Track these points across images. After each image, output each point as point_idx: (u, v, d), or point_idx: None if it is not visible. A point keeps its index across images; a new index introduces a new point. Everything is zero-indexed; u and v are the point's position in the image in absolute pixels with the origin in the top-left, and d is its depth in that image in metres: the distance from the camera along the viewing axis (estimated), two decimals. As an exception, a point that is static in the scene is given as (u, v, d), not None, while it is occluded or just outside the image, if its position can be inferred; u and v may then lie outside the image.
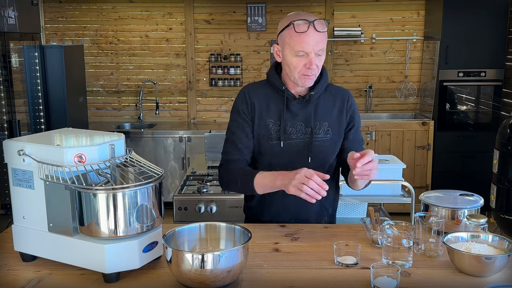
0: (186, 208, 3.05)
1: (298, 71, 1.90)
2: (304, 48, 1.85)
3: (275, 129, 1.98)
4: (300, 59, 1.88)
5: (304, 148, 1.98)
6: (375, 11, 5.43)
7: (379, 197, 3.27)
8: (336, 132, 2.01)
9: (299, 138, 1.98)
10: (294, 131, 1.98)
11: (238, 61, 5.51)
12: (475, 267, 1.54)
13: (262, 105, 2.00)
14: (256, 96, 2.01)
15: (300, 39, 1.84)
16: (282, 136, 1.97)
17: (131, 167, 1.60)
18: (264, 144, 1.99)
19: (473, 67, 4.96)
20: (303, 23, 1.84)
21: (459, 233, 1.71)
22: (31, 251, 1.64)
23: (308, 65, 1.87)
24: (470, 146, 5.00)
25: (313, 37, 1.84)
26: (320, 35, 1.85)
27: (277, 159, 1.98)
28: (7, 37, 4.00)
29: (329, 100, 2.02)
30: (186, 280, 1.44)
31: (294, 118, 1.98)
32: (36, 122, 4.32)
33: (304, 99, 1.97)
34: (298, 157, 1.98)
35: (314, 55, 1.86)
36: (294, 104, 1.98)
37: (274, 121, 1.98)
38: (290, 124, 1.97)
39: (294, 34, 1.86)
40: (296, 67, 1.90)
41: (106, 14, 5.52)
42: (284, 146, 1.97)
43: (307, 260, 1.69)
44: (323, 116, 1.99)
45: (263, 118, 1.99)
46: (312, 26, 1.83)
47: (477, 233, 1.71)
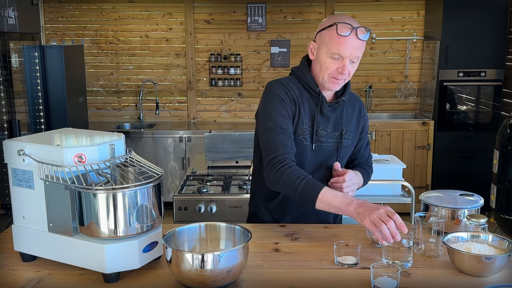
0: (186, 208, 3.05)
1: (329, 73, 1.89)
2: (341, 52, 1.83)
3: (308, 130, 1.96)
4: (334, 61, 1.86)
5: (333, 151, 2.01)
6: (375, 11, 5.43)
7: (379, 197, 3.27)
8: (353, 137, 2.07)
9: (328, 142, 2.00)
10: (325, 134, 1.99)
11: (238, 61, 5.51)
12: (475, 267, 1.54)
13: (300, 104, 1.95)
14: (295, 94, 1.94)
15: (340, 41, 1.83)
16: (314, 138, 1.97)
17: (131, 167, 1.60)
18: (299, 143, 1.95)
19: (473, 67, 4.96)
20: (346, 27, 1.83)
21: (459, 233, 1.71)
22: (31, 251, 1.64)
23: (340, 69, 1.86)
24: (470, 146, 5.00)
25: (353, 42, 1.83)
26: (360, 43, 1.85)
27: (307, 160, 1.97)
28: (7, 37, 4.00)
29: (350, 106, 2.06)
30: (186, 280, 1.44)
31: (326, 122, 1.98)
32: (36, 122, 4.32)
33: (337, 103, 1.98)
34: (326, 160, 2.01)
35: (349, 62, 1.86)
36: (326, 108, 1.98)
37: (308, 122, 1.97)
38: (322, 127, 1.98)
39: (335, 35, 1.83)
40: (328, 68, 1.88)
41: (106, 14, 5.52)
42: (315, 149, 1.98)
43: (307, 260, 1.69)
44: (347, 121, 2.03)
45: (301, 116, 1.95)
46: (354, 31, 1.82)
47: (477, 233, 1.71)
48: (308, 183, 1.81)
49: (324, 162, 2.00)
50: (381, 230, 1.59)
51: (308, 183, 1.81)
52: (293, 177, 1.82)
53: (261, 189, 2.07)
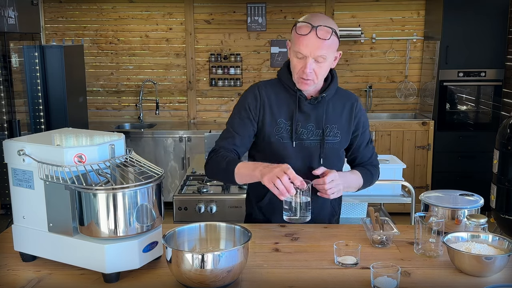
0: (186, 208, 3.05)
1: (296, 72, 1.92)
2: (302, 51, 1.86)
3: (287, 129, 1.98)
4: (299, 61, 1.89)
5: (316, 149, 1.99)
6: (375, 11, 5.43)
7: (379, 197, 3.27)
8: (344, 135, 2.03)
9: (310, 139, 1.99)
10: (305, 131, 1.98)
11: (238, 61, 5.51)
12: (475, 267, 1.54)
13: (274, 105, 1.99)
14: (268, 95, 2.00)
15: (300, 41, 1.85)
16: (293, 136, 1.97)
17: (131, 167, 1.60)
18: (276, 143, 1.98)
19: (473, 67, 4.96)
20: (305, 26, 1.85)
21: (459, 233, 1.71)
22: (31, 251, 1.64)
23: (303, 68, 1.88)
24: (470, 146, 5.00)
25: (312, 42, 1.84)
26: (321, 42, 1.84)
27: (289, 159, 1.98)
28: (7, 37, 4.00)
29: (339, 103, 2.03)
30: (186, 280, 1.44)
31: (306, 119, 1.98)
32: (36, 122, 4.32)
33: (316, 100, 1.97)
34: (310, 158, 2.00)
35: (312, 60, 1.86)
36: (305, 105, 1.98)
37: (285, 121, 1.98)
38: (302, 124, 1.98)
39: (296, 35, 1.87)
40: (295, 67, 1.92)
41: (106, 14, 5.52)
42: (296, 147, 1.98)
43: (307, 260, 1.69)
44: (333, 119, 2.01)
45: (274, 117, 1.98)
46: (314, 30, 1.83)
47: (477, 233, 1.71)
48: (229, 161, 1.92)
49: (308, 159, 2.00)
50: (276, 185, 1.70)
51: (229, 161, 1.92)
52: (218, 159, 1.95)
53: (253, 189, 2.13)
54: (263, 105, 1.99)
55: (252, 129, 2.01)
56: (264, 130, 1.99)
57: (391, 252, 1.76)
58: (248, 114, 2.00)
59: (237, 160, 1.94)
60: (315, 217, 2.05)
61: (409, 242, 1.83)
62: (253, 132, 2.02)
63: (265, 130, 1.99)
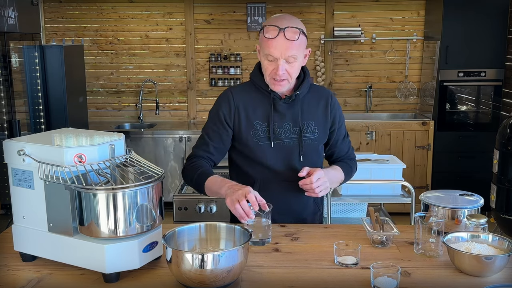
0: (186, 208, 3.05)
1: (268, 74, 1.94)
2: (272, 53, 1.88)
3: (263, 130, 2.00)
4: (270, 63, 1.92)
5: (295, 147, 2.01)
6: (375, 11, 5.43)
7: (379, 197, 3.27)
8: (322, 131, 2.05)
9: (288, 138, 2.00)
10: (283, 131, 2.00)
11: (238, 61, 5.51)
12: (475, 267, 1.54)
13: (249, 108, 2.01)
14: (241, 99, 2.02)
15: (269, 44, 1.88)
16: (271, 137, 1.98)
17: (131, 167, 1.60)
18: (254, 146, 2.00)
19: (473, 67, 4.96)
20: (272, 29, 1.87)
21: (459, 233, 1.71)
22: (31, 251, 1.64)
23: (275, 70, 1.90)
24: (470, 146, 5.00)
25: (281, 44, 1.86)
26: (290, 43, 1.86)
27: (269, 160, 2.01)
28: (7, 37, 4.00)
29: (314, 99, 2.05)
30: (186, 280, 1.44)
31: (282, 119, 2.00)
32: (36, 122, 4.32)
33: (291, 99, 1.99)
34: (290, 157, 2.02)
35: (284, 62, 1.88)
36: (280, 105, 2.00)
37: (262, 123, 2.00)
38: (278, 124, 2.00)
39: (264, 38, 1.89)
40: (267, 70, 1.94)
41: (106, 14, 5.52)
42: (275, 147, 1.99)
43: (307, 260, 1.69)
44: (309, 116, 2.03)
45: (250, 120, 2.00)
46: (282, 33, 1.85)
47: (477, 233, 1.71)
48: (200, 173, 1.95)
49: (287, 158, 2.01)
50: (235, 208, 1.71)
51: (200, 173, 1.95)
52: (191, 170, 1.98)
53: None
54: (237, 110, 2.01)
55: (227, 136, 2.02)
56: (241, 134, 2.01)
57: (391, 252, 1.76)
58: (222, 121, 2.01)
59: (208, 174, 1.94)
60: (298, 215, 2.07)
61: (409, 242, 1.83)
62: (228, 138, 2.03)
63: (241, 134, 2.01)
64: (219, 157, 2.08)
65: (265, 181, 2.03)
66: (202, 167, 1.98)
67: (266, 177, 2.03)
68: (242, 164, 2.08)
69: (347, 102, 5.59)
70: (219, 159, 2.08)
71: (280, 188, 2.02)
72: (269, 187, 2.03)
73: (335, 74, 5.55)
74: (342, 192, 3.21)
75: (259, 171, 2.03)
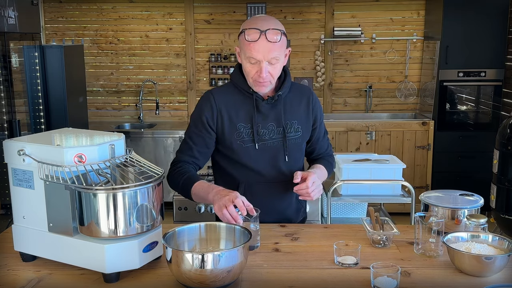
0: (186, 208, 3.05)
1: (251, 76, 1.93)
2: (254, 56, 1.87)
3: (247, 132, 1.99)
4: (252, 65, 1.91)
5: (279, 148, 2.01)
6: (375, 11, 5.43)
7: (379, 197, 3.27)
8: (305, 129, 2.06)
9: (272, 139, 2.00)
10: (267, 132, 2.00)
11: (238, 61, 5.50)
12: (475, 267, 1.54)
13: (231, 111, 2.00)
14: (223, 102, 2.00)
15: (251, 47, 1.87)
16: (256, 138, 1.97)
17: (131, 167, 1.60)
18: (238, 148, 2.00)
19: (473, 67, 4.96)
20: (253, 32, 1.86)
21: (459, 233, 1.71)
22: (31, 251, 1.64)
23: (259, 72, 1.89)
24: (470, 146, 5.00)
25: (263, 46, 1.85)
26: (272, 45, 1.85)
27: (254, 162, 2.01)
28: (7, 37, 4.00)
29: (295, 98, 2.06)
30: (186, 280, 1.44)
31: (265, 120, 1.99)
32: (36, 122, 4.32)
33: (273, 99, 1.99)
34: (274, 157, 2.01)
35: (267, 64, 1.88)
36: (263, 106, 1.99)
37: (245, 124, 1.99)
38: (262, 125, 1.99)
39: (245, 42, 1.88)
40: (249, 72, 1.93)
41: (106, 14, 5.51)
42: (259, 148, 1.99)
43: (307, 260, 1.69)
44: (292, 115, 2.03)
45: (233, 123, 1.99)
46: (263, 35, 1.84)
47: (477, 233, 1.71)
48: (186, 178, 1.94)
49: (272, 159, 2.01)
50: (223, 214, 1.71)
51: (186, 178, 1.94)
52: (176, 175, 1.97)
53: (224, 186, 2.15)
54: (220, 113, 1.99)
55: (210, 139, 2.02)
56: (224, 137, 2.00)
57: (391, 252, 1.76)
58: (204, 124, 2.00)
59: (194, 179, 1.94)
60: (282, 214, 2.08)
61: (409, 242, 1.83)
62: (212, 142, 2.03)
63: (225, 137, 2.00)
64: (204, 161, 2.08)
65: (250, 182, 2.04)
66: (188, 172, 1.97)
67: (251, 179, 2.03)
68: (226, 167, 2.06)
69: (347, 102, 5.59)
70: (203, 163, 2.08)
71: (264, 189, 2.03)
72: (253, 188, 2.03)
73: (335, 74, 5.55)
74: (342, 192, 3.21)
75: (243, 173, 2.03)
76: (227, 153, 2.03)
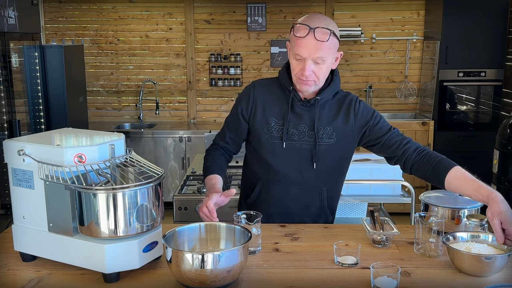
0: (186, 208, 3.05)
1: (295, 74, 1.90)
2: (300, 52, 1.84)
3: (277, 128, 1.96)
4: (298, 62, 1.87)
5: (308, 152, 1.96)
6: (375, 11, 5.43)
7: (379, 197, 3.27)
8: (340, 136, 1.97)
9: (302, 141, 1.96)
10: (297, 133, 1.96)
11: (238, 61, 5.51)
12: (475, 267, 1.54)
13: (267, 103, 1.99)
14: (262, 93, 2.01)
15: (298, 43, 1.84)
16: (284, 137, 1.95)
17: (131, 167, 1.60)
18: (265, 142, 1.98)
19: (473, 67, 4.96)
20: (303, 28, 1.83)
21: (459, 233, 1.71)
22: (31, 251, 1.64)
23: (302, 70, 1.86)
24: (470, 146, 5.00)
25: (310, 43, 1.81)
26: (319, 44, 1.81)
27: (278, 160, 1.98)
28: (7, 37, 4.00)
29: (335, 106, 1.99)
30: (186, 280, 1.44)
31: (298, 120, 1.96)
32: (36, 122, 4.32)
33: (309, 102, 1.95)
34: (301, 160, 1.97)
35: (311, 62, 1.84)
36: (298, 106, 1.96)
37: (277, 120, 1.97)
38: (293, 125, 1.96)
39: (294, 37, 1.86)
40: (294, 69, 1.90)
41: (106, 14, 5.52)
42: (286, 147, 1.96)
43: (307, 260, 1.69)
44: (328, 122, 1.96)
45: (265, 116, 1.98)
46: (312, 32, 1.81)
47: (477, 233, 1.71)
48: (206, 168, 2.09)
49: (298, 162, 1.97)
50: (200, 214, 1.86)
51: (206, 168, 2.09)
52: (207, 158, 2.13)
53: (242, 187, 2.20)
54: (255, 104, 2.00)
55: (241, 128, 2.05)
56: (255, 128, 2.00)
57: (391, 252, 1.76)
58: (239, 112, 2.03)
59: (209, 171, 2.06)
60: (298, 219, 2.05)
61: (409, 242, 1.83)
62: (243, 130, 2.06)
63: (255, 128, 2.00)
64: (234, 148, 2.14)
65: (269, 181, 2.02)
66: (212, 160, 2.09)
67: (271, 178, 2.01)
68: (251, 161, 2.08)
69: (347, 102, 5.58)
70: (235, 149, 2.14)
71: (282, 190, 2.01)
72: (271, 188, 2.02)
73: (335, 74, 5.55)
74: (342, 192, 3.20)
75: (264, 170, 2.02)
76: (254, 146, 2.03)
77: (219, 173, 2.05)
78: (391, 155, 2.01)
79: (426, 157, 1.94)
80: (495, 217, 1.57)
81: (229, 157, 2.18)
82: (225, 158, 2.14)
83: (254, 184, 2.07)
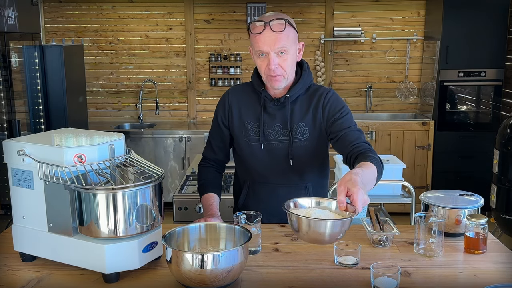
0: (186, 208, 3.05)
1: (263, 72, 1.91)
2: (261, 48, 1.85)
3: (254, 131, 2.00)
4: (263, 59, 1.89)
5: (285, 150, 1.99)
6: (375, 11, 5.43)
7: (379, 197, 3.27)
8: (312, 130, 1.96)
9: (278, 140, 1.99)
10: (272, 132, 1.99)
11: (238, 61, 5.51)
12: (312, 232, 1.47)
13: (242, 107, 2.02)
14: (235, 99, 2.05)
15: (257, 39, 1.86)
16: (261, 138, 1.98)
17: (131, 167, 1.60)
18: (244, 145, 2.02)
19: (473, 67, 4.96)
20: (258, 24, 1.86)
21: (300, 199, 1.63)
22: (31, 251, 1.64)
23: (268, 65, 1.86)
24: (470, 146, 5.00)
25: (269, 37, 1.83)
26: (278, 35, 1.83)
27: (259, 161, 2.01)
28: (7, 37, 4.00)
29: (307, 101, 1.99)
30: (186, 280, 1.43)
31: (272, 120, 1.98)
32: (36, 122, 4.32)
33: (280, 101, 1.97)
34: (279, 159, 2.00)
35: (274, 55, 1.85)
36: (271, 106, 1.98)
37: (253, 123, 2.00)
38: (268, 125, 1.98)
39: (252, 36, 1.88)
40: (261, 67, 1.92)
41: (106, 14, 5.52)
42: (265, 148, 1.99)
43: (307, 260, 1.69)
44: (300, 118, 1.97)
45: (242, 119, 2.01)
46: (267, 26, 1.83)
47: (320, 200, 1.63)
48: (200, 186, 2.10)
49: (277, 161, 2.00)
50: None
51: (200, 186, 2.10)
52: (201, 174, 2.13)
53: (233, 191, 2.23)
54: (231, 109, 2.04)
55: (226, 134, 2.08)
56: (234, 133, 2.05)
57: (391, 252, 1.76)
58: (219, 120, 2.07)
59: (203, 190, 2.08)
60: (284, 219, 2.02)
61: (409, 242, 1.83)
62: (227, 137, 2.09)
63: (235, 133, 2.04)
64: (223, 156, 2.15)
65: (253, 182, 2.06)
66: (205, 179, 2.11)
67: (255, 179, 2.05)
68: (237, 165, 2.13)
69: (347, 102, 5.58)
70: (224, 157, 2.15)
71: (267, 190, 2.04)
72: (256, 189, 2.05)
73: (335, 74, 5.55)
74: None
75: (248, 173, 2.06)
76: (237, 150, 2.08)
77: (215, 191, 2.07)
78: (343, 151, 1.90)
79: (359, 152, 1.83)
80: (342, 184, 1.50)
81: (222, 168, 2.19)
82: (218, 172, 2.16)
83: (242, 187, 2.12)
